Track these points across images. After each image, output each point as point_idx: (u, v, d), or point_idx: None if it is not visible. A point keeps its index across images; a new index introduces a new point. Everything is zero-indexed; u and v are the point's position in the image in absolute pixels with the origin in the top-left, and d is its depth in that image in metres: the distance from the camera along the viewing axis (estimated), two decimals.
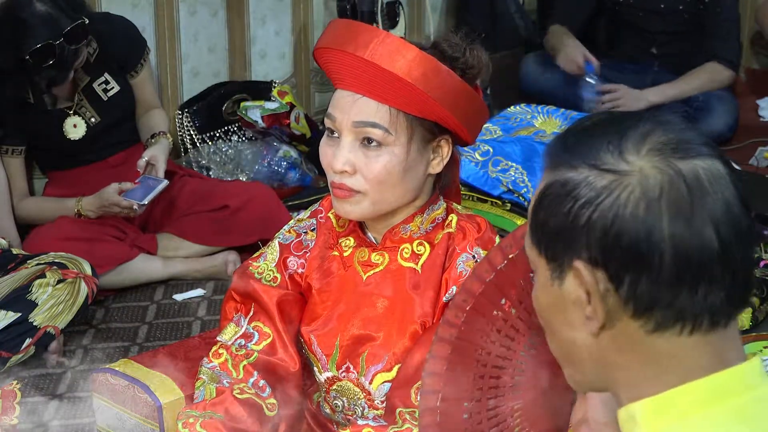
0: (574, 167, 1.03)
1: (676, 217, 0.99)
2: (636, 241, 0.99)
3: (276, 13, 4.21)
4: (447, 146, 1.79)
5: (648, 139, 1.02)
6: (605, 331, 1.04)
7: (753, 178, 3.73)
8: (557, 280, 1.06)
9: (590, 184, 1.01)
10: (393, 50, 1.68)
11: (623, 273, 1.00)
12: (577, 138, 1.06)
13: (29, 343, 2.70)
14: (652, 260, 0.99)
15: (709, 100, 4.18)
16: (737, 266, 1.01)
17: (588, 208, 1.01)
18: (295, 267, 1.91)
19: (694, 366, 1.02)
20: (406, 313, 1.81)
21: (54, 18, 2.94)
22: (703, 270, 0.99)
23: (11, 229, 3.17)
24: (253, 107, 3.84)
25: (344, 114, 1.74)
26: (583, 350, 1.07)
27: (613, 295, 1.01)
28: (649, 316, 1.01)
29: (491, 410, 1.50)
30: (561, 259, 1.04)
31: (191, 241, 3.28)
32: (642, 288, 1.00)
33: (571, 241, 1.02)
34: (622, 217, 0.99)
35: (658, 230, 0.99)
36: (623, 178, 1.00)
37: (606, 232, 1.00)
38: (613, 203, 1.00)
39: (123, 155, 3.34)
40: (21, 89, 3.10)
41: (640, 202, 0.99)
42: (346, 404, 1.86)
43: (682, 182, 0.99)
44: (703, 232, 0.99)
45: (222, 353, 1.89)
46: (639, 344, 1.03)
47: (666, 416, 1.02)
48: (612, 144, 1.02)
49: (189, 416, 1.80)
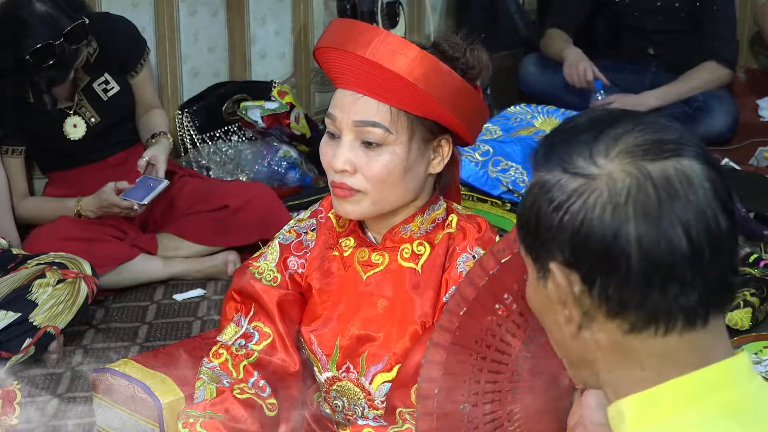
0: (550, 170, 1.05)
1: (643, 220, 0.99)
2: (603, 244, 1.00)
3: (276, 13, 4.21)
4: (447, 146, 1.79)
5: (620, 142, 1.03)
6: (585, 331, 1.05)
7: (753, 178, 3.73)
8: (542, 281, 1.07)
9: (562, 187, 1.03)
10: (394, 49, 1.68)
11: (594, 275, 1.01)
12: (558, 139, 1.07)
13: (29, 343, 2.70)
14: (619, 263, 1.00)
15: (709, 100, 4.18)
16: (710, 269, 1.01)
17: (559, 211, 1.02)
18: (295, 267, 1.91)
19: (676, 364, 1.02)
20: (406, 313, 1.81)
21: (54, 18, 2.94)
22: (672, 272, 0.99)
23: (11, 229, 3.17)
24: (253, 107, 3.84)
25: (345, 113, 1.74)
26: (570, 348, 1.09)
27: (588, 297, 1.03)
28: (623, 317, 1.02)
29: (488, 414, 1.50)
30: (542, 260, 1.06)
31: (191, 241, 3.28)
32: (612, 290, 1.01)
33: (547, 242, 1.04)
34: (589, 221, 1.00)
35: (625, 233, 0.99)
36: (592, 182, 1.01)
37: (575, 234, 1.01)
38: (581, 207, 1.01)
39: (123, 155, 3.34)
40: (21, 89, 3.10)
41: (607, 206, 1.00)
42: (346, 404, 1.86)
43: (650, 185, 1.00)
44: (672, 235, 0.99)
45: (222, 353, 1.89)
46: (618, 344, 1.04)
47: (653, 412, 1.02)
48: (585, 147, 1.03)
49: (189, 416, 1.80)
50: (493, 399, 1.50)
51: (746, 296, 2.80)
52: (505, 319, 1.47)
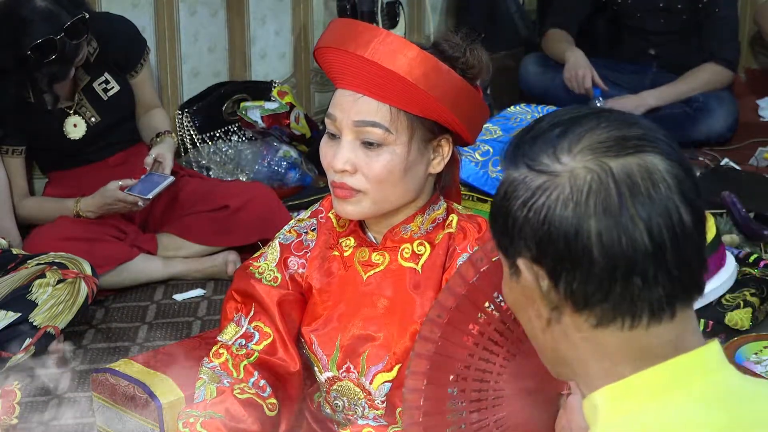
0: (517, 167, 1.06)
1: (604, 216, 1.00)
2: (565, 240, 1.02)
3: (276, 13, 4.21)
4: (447, 146, 1.79)
5: (584, 138, 1.04)
6: (555, 325, 1.07)
7: (753, 178, 3.73)
8: (514, 276, 1.09)
9: (527, 184, 1.05)
10: (394, 49, 1.68)
11: (559, 270, 1.03)
12: (526, 138, 1.08)
13: (29, 343, 2.70)
14: (581, 258, 1.01)
15: (709, 100, 4.18)
16: (674, 264, 1.02)
17: (524, 208, 1.04)
18: (295, 267, 1.91)
19: (646, 356, 1.04)
20: (406, 313, 1.81)
21: (54, 13, 2.95)
22: (633, 268, 1.01)
23: (12, 229, 3.17)
24: (252, 107, 3.84)
25: (345, 113, 1.74)
26: (546, 343, 1.10)
27: (554, 292, 1.04)
28: (589, 311, 1.04)
29: (475, 423, 1.50)
30: (511, 256, 1.08)
31: (191, 241, 3.28)
32: (575, 285, 1.03)
33: (514, 239, 1.06)
34: (552, 217, 1.02)
35: (586, 229, 1.01)
36: (555, 179, 1.03)
37: (540, 230, 1.03)
38: (544, 203, 1.03)
39: (123, 155, 3.34)
40: (22, 88, 3.10)
41: (569, 202, 1.02)
42: (347, 404, 1.86)
43: (611, 181, 1.01)
44: (632, 231, 1.00)
45: (222, 353, 1.89)
46: (588, 338, 1.05)
47: (626, 402, 1.04)
48: (549, 144, 1.05)
49: (189, 416, 1.80)
50: (480, 407, 1.50)
51: (746, 296, 2.80)
52: (487, 327, 1.47)
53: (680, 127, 4.12)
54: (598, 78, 4.17)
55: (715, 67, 4.19)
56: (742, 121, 4.28)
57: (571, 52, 4.26)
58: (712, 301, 2.72)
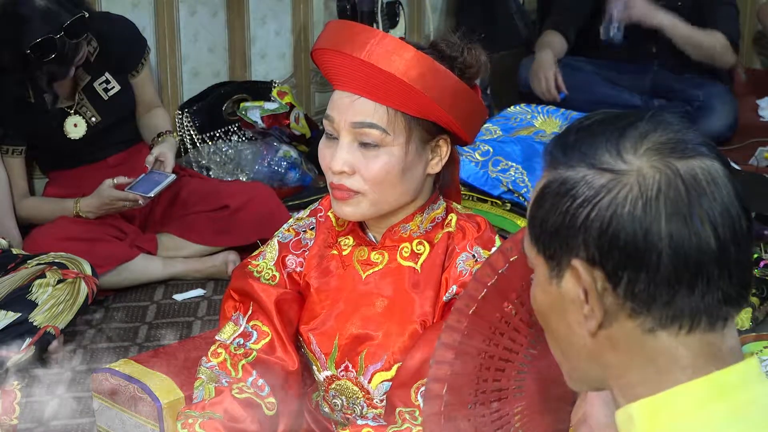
0: (572, 166, 1.03)
1: (674, 216, 0.99)
2: (633, 240, 0.99)
3: (276, 13, 4.22)
4: (446, 146, 1.79)
5: (646, 139, 1.03)
6: (603, 330, 1.04)
7: (753, 178, 3.72)
8: (555, 279, 1.06)
9: (588, 182, 1.02)
10: (390, 50, 1.68)
11: (621, 272, 1.00)
12: (576, 137, 1.06)
13: (29, 343, 2.70)
14: (649, 259, 0.99)
15: (709, 100, 4.18)
16: (734, 266, 1.01)
17: (586, 206, 1.01)
18: (293, 266, 1.91)
19: (690, 366, 1.02)
20: (405, 312, 1.81)
21: (54, 12, 2.95)
22: (700, 269, 0.99)
23: (13, 229, 3.18)
24: (252, 108, 3.84)
25: (342, 115, 1.74)
26: (580, 349, 1.07)
27: (611, 294, 1.02)
28: (646, 315, 1.01)
29: (495, 413, 1.50)
30: (559, 257, 1.04)
31: (191, 241, 3.28)
32: (640, 287, 1.00)
33: (568, 239, 1.03)
34: (619, 216, 1.00)
35: (656, 229, 0.99)
36: (621, 177, 1.01)
37: (603, 230, 1.00)
38: (610, 202, 1.00)
39: (123, 155, 3.34)
40: (22, 88, 3.11)
41: (638, 201, 0.99)
42: (345, 403, 1.86)
43: (680, 181, 1.00)
44: (701, 232, 0.99)
45: (221, 353, 1.89)
46: (636, 344, 1.03)
47: (664, 416, 1.01)
48: (610, 143, 1.03)
49: (188, 416, 1.80)
50: (500, 397, 1.50)
51: None
52: (513, 317, 1.47)
53: None
54: (561, 81, 4.16)
55: (721, 38, 4.16)
56: (742, 121, 4.28)
57: (539, 52, 4.24)
58: None
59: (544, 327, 1.13)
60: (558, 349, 1.12)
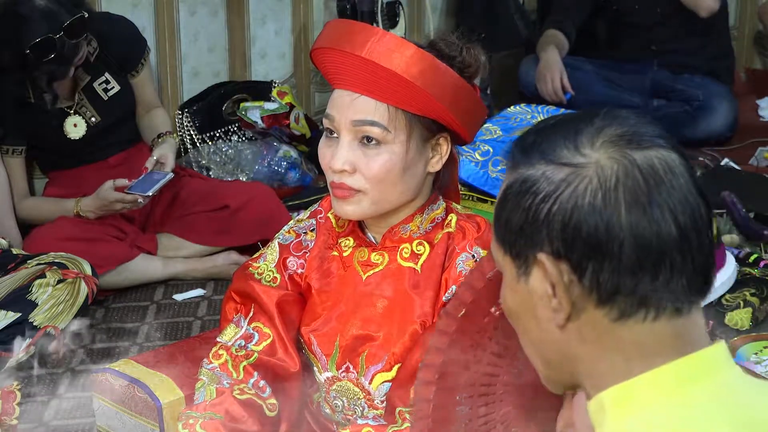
0: (533, 165, 1.06)
1: (633, 205, 1.01)
2: (595, 231, 1.01)
3: (276, 13, 4.21)
4: (446, 144, 1.79)
5: (602, 133, 1.05)
6: (571, 322, 1.06)
7: (753, 178, 3.73)
8: (523, 277, 1.08)
9: (548, 178, 1.04)
10: (391, 48, 1.68)
11: (585, 262, 1.02)
12: (535, 138, 1.08)
13: (29, 343, 2.70)
14: (612, 248, 1.01)
15: (709, 100, 4.18)
16: (696, 253, 1.03)
17: (547, 201, 1.03)
18: (294, 267, 1.91)
19: (659, 352, 1.04)
20: (405, 312, 1.81)
21: (53, 12, 2.95)
22: (662, 257, 1.02)
23: (13, 229, 3.18)
24: (252, 108, 3.84)
25: (342, 113, 1.74)
26: (551, 346, 1.09)
27: (577, 285, 1.04)
28: (612, 303, 1.03)
29: (482, 417, 1.50)
30: (525, 255, 1.06)
31: (191, 241, 3.28)
32: (604, 276, 1.02)
33: (533, 235, 1.05)
34: (580, 208, 1.02)
35: (616, 219, 1.01)
36: (580, 170, 1.03)
37: (566, 223, 1.02)
38: (571, 195, 1.02)
39: (123, 155, 3.34)
40: (21, 87, 3.11)
41: (598, 192, 1.02)
42: (346, 404, 1.86)
43: (638, 171, 1.02)
44: (661, 220, 1.01)
45: (222, 354, 1.89)
46: (604, 334, 1.05)
47: (634, 402, 1.03)
48: (568, 140, 1.05)
49: (189, 417, 1.80)
50: (488, 402, 1.50)
51: (746, 296, 2.80)
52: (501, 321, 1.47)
53: (680, 126, 4.12)
54: (567, 81, 4.16)
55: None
56: (742, 121, 4.28)
57: (545, 51, 4.24)
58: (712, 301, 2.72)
59: (516, 328, 1.15)
60: (531, 348, 1.14)
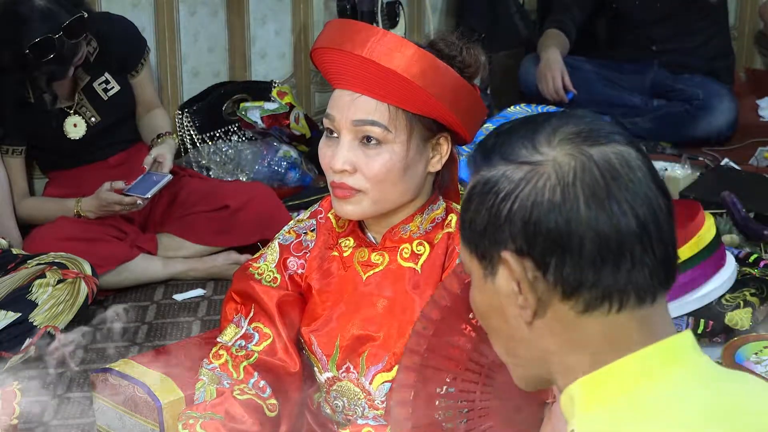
0: (493, 165, 1.08)
1: (592, 200, 1.03)
2: (555, 226, 1.03)
3: (276, 13, 4.21)
4: (446, 144, 1.79)
5: (559, 131, 1.07)
6: (538, 318, 1.07)
7: (753, 178, 3.72)
8: (490, 277, 1.10)
9: (508, 177, 1.06)
10: (391, 47, 1.68)
11: (548, 258, 1.04)
12: (495, 140, 1.11)
13: (29, 343, 2.70)
14: (572, 243, 1.03)
15: (709, 99, 4.17)
16: (656, 244, 1.05)
17: (508, 200, 1.05)
18: (294, 267, 1.91)
19: (625, 343, 1.05)
20: (406, 313, 1.81)
21: (53, 12, 2.95)
22: (622, 249, 1.03)
23: (13, 229, 3.18)
24: (252, 108, 3.84)
25: (343, 113, 1.74)
26: (521, 343, 1.11)
27: (542, 281, 1.05)
28: (577, 297, 1.05)
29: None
30: (490, 254, 1.08)
31: (191, 241, 3.28)
32: (567, 270, 1.04)
33: (496, 234, 1.07)
34: (540, 205, 1.04)
35: (575, 214, 1.03)
36: (538, 168, 1.05)
37: (527, 220, 1.04)
38: (530, 192, 1.04)
39: (123, 155, 3.34)
40: (21, 87, 3.11)
41: (556, 188, 1.04)
42: (347, 404, 1.86)
43: (595, 166, 1.04)
44: (619, 213, 1.03)
45: (222, 354, 1.89)
46: (571, 327, 1.06)
47: (602, 392, 1.05)
48: (525, 140, 1.08)
49: (189, 417, 1.80)
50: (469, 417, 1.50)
51: (746, 296, 2.79)
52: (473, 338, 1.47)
53: (680, 126, 4.12)
54: (568, 80, 4.16)
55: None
56: (742, 121, 4.27)
57: (545, 51, 4.24)
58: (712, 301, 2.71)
59: (486, 329, 1.16)
60: (502, 348, 1.15)
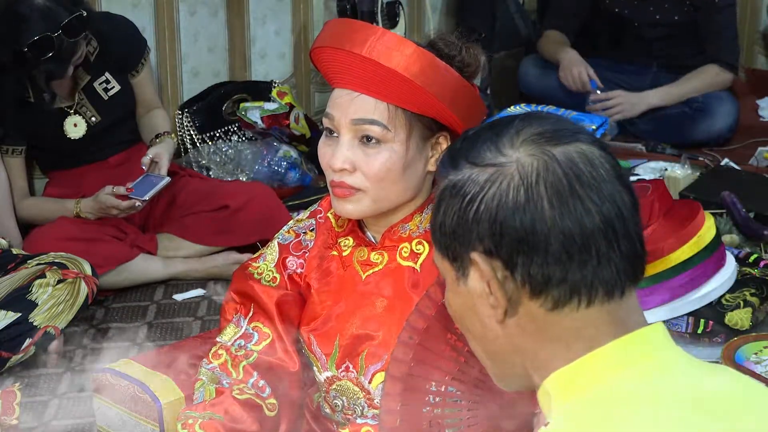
0: (460, 169, 1.10)
1: (555, 198, 1.05)
2: (521, 226, 1.05)
3: (276, 13, 4.22)
4: (446, 143, 1.79)
5: (522, 133, 1.09)
6: (510, 317, 1.09)
7: (753, 178, 3.72)
8: (462, 279, 1.11)
9: (474, 180, 1.08)
10: (390, 46, 1.68)
11: (515, 257, 1.06)
12: (461, 145, 1.13)
13: (29, 343, 2.70)
14: (538, 241, 1.05)
15: (709, 100, 4.18)
16: (622, 239, 1.06)
17: (474, 202, 1.07)
18: (294, 267, 1.91)
19: (596, 337, 1.07)
20: (405, 312, 1.80)
21: (52, 11, 2.95)
22: (588, 245, 1.05)
23: (13, 229, 3.18)
24: (252, 108, 3.84)
25: (342, 112, 1.74)
26: (496, 342, 1.12)
27: (511, 280, 1.07)
28: (546, 294, 1.06)
29: None
30: (461, 257, 1.10)
31: (191, 241, 3.28)
32: (534, 269, 1.06)
33: (465, 236, 1.08)
34: (504, 205, 1.06)
35: (540, 213, 1.05)
36: (502, 169, 1.07)
37: (493, 221, 1.06)
38: (495, 193, 1.06)
39: (123, 155, 3.34)
40: (21, 87, 3.11)
41: (520, 189, 1.05)
42: (346, 404, 1.86)
43: (557, 165, 1.06)
44: (583, 210, 1.05)
45: (221, 354, 1.89)
46: (542, 324, 1.08)
47: (576, 385, 1.06)
48: (490, 142, 1.10)
49: (188, 417, 1.80)
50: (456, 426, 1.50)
51: (746, 296, 2.79)
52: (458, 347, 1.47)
53: (680, 128, 4.12)
54: (593, 73, 4.20)
55: (716, 69, 4.20)
56: (742, 121, 4.27)
57: (564, 52, 4.27)
58: (712, 301, 2.72)
59: (463, 331, 1.17)
60: (479, 349, 1.16)
